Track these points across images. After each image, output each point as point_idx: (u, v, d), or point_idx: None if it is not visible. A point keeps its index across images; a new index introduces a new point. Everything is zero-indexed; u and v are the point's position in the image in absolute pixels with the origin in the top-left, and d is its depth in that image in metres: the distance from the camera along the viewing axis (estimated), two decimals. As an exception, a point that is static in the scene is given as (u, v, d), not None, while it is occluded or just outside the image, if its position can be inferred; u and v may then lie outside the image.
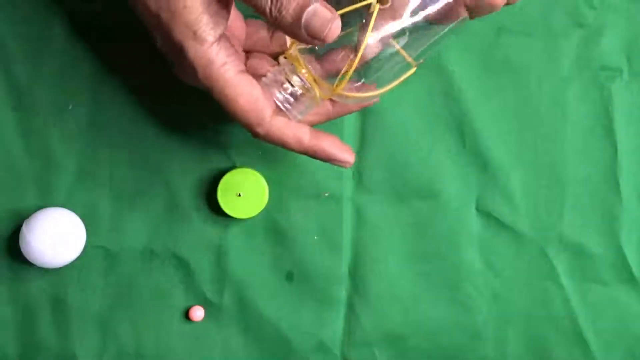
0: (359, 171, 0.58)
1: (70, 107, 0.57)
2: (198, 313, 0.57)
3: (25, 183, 0.57)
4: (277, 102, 0.48)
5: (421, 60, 0.48)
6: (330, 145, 0.50)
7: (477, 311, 0.58)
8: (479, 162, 0.57)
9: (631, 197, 0.58)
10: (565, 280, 0.58)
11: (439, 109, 0.57)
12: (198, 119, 0.57)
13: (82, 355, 0.57)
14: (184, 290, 0.57)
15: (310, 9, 0.43)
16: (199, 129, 0.57)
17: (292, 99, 0.48)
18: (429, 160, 0.57)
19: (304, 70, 0.47)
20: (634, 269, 0.58)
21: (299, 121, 0.49)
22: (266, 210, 0.57)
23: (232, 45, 0.47)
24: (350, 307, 0.58)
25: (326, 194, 0.57)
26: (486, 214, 0.58)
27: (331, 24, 0.43)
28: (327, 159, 0.50)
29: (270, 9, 0.43)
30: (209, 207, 0.57)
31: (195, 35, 0.45)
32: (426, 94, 0.57)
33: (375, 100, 0.50)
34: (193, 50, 0.46)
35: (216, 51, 0.46)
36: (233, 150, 0.57)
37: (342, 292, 0.58)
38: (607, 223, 0.58)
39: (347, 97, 0.47)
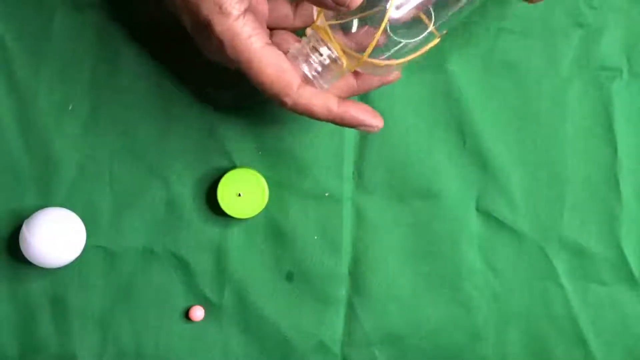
0: (359, 171, 0.58)
1: (70, 107, 0.57)
2: (198, 313, 0.57)
3: (25, 183, 0.57)
4: (305, 71, 0.48)
5: (445, 31, 0.47)
6: (359, 111, 0.49)
7: (477, 311, 0.58)
8: (479, 162, 0.57)
9: (631, 197, 0.58)
10: (565, 280, 0.58)
11: (439, 109, 0.57)
12: (198, 119, 0.57)
13: (82, 355, 0.57)
14: (184, 290, 0.57)
15: None
16: (199, 129, 0.57)
17: (319, 69, 0.48)
18: (429, 160, 0.57)
19: (331, 41, 0.47)
20: (634, 269, 0.58)
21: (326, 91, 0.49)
22: (266, 210, 0.57)
23: (257, 20, 0.48)
24: (350, 307, 0.58)
25: (326, 194, 0.57)
26: (486, 214, 0.58)
27: None
28: (357, 125, 0.50)
29: None
30: (209, 207, 0.57)
31: (221, 9, 0.46)
32: (426, 94, 0.57)
33: (397, 76, 0.50)
34: (219, 24, 0.47)
35: (242, 24, 0.47)
36: (233, 150, 0.57)
37: (342, 292, 0.58)
38: (607, 223, 0.58)
39: (373, 65, 0.47)
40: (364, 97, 0.57)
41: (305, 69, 0.48)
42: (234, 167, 0.57)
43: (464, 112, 0.57)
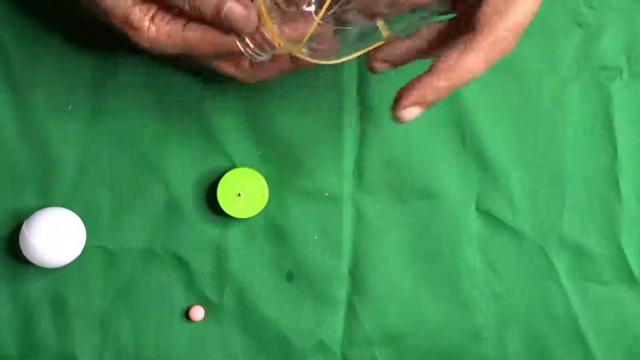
0: (359, 171, 0.58)
1: (70, 107, 0.57)
2: (198, 313, 0.57)
3: (25, 183, 0.57)
4: (239, 45, 0.46)
5: (393, 34, 0.46)
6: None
7: (477, 311, 0.58)
8: (479, 162, 0.57)
9: (631, 197, 0.58)
10: (565, 280, 0.58)
11: (439, 109, 0.57)
12: (198, 119, 0.57)
13: (82, 355, 0.57)
14: (184, 290, 0.57)
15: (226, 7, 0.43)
16: (199, 129, 0.57)
17: (252, 45, 0.46)
18: (429, 160, 0.57)
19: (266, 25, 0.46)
20: (634, 269, 0.58)
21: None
22: (266, 210, 0.57)
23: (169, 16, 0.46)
24: (350, 307, 0.58)
25: (326, 194, 0.57)
26: (486, 214, 0.58)
27: (248, 19, 0.44)
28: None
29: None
30: (209, 207, 0.57)
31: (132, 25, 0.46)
32: (426, 94, 0.57)
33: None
34: (135, 41, 0.46)
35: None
36: (233, 150, 0.57)
37: (342, 292, 0.58)
38: (607, 223, 0.58)
39: (307, 59, 0.46)
40: (364, 97, 0.57)
41: (239, 44, 0.46)
42: (234, 167, 0.57)
43: (464, 112, 0.57)
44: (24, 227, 0.54)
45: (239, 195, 0.56)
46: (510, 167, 0.58)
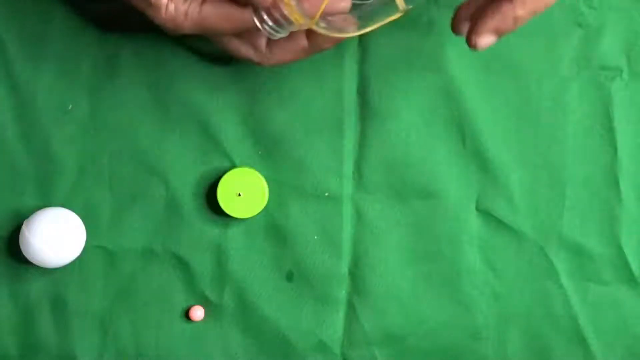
0: (359, 171, 0.58)
1: (70, 107, 0.57)
2: (198, 313, 0.57)
3: (25, 183, 0.57)
4: (255, 22, 0.46)
5: (410, 6, 0.45)
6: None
7: (477, 311, 0.58)
8: (479, 162, 0.57)
9: (631, 197, 0.58)
10: (565, 280, 0.58)
11: (439, 109, 0.57)
12: (198, 119, 0.57)
13: (82, 355, 0.57)
14: (184, 290, 0.57)
15: None
16: (199, 129, 0.57)
17: (270, 23, 0.46)
18: (429, 160, 0.57)
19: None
20: (634, 269, 0.58)
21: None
22: (266, 210, 0.57)
23: None
24: (350, 307, 0.58)
25: (326, 194, 0.57)
26: (486, 214, 0.58)
27: None
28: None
29: None
30: (209, 207, 0.57)
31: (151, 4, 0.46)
32: (426, 94, 0.57)
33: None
34: (152, 18, 0.47)
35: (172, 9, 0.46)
36: (233, 150, 0.57)
37: (342, 292, 0.58)
38: (607, 223, 0.58)
39: (324, 33, 0.46)
40: (364, 97, 0.57)
41: (256, 20, 0.46)
42: (234, 167, 0.57)
43: (464, 112, 0.57)
44: (24, 227, 0.54)
45: (239, 195, 0.56)
46: (510, 167, 0.57)
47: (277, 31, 0.46)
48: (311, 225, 0.57)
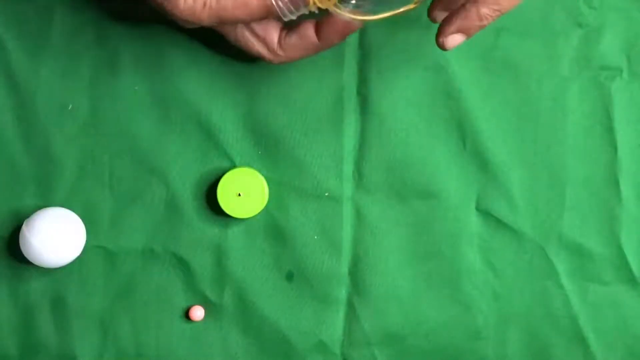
0: (359, 171, 0.58)
1: (70, 107, 0.57)
2: (198, 313, 0.57)
3: (25, 183, 0.57)
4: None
5: None
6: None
7: (477, 311, 0.58)
8: (479, 162, 0.57)
9: (631, 197, 0.58)
10: (565, 280, 0.58)
11: (439, 109, 0.57)
12: (198, 119, 0.57)
13: (82, 355, 0.57)
14: (184, 290, 0.57)
15: None
16: (199, 129, 0.57)
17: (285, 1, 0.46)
18: (429, 160, 0.57)
19: None
20: (634, 269, 0.58)
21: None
22: (266, 210, 0.57)
23: None
24: (350, 307, 0.58)
25: (326, 194, 0.57)
26: (486, 214, 0.58)
27: None
28: None
29: None
30: (209, 207, 0.57)
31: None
32: (426, 94, 0.57)
33: (358, 25, 0.50)
34: (169, 11, 0.47)
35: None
36: (233, 150, 0.57)
37: (342, 292, 0.58)
38: (607, 223, 0.58)
39: (340, 13, 0.46)
40: (364, 97, 0.57)
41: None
42: (234, 167, 0.57)
43: (464, 112, 0.57)
44: (24, 227, 0.54)
45: (239, 195, 0.56)
46: (510, 167, 0.57)
47: (292, 12, 0.46)
48: (311, 226, 0.57)
